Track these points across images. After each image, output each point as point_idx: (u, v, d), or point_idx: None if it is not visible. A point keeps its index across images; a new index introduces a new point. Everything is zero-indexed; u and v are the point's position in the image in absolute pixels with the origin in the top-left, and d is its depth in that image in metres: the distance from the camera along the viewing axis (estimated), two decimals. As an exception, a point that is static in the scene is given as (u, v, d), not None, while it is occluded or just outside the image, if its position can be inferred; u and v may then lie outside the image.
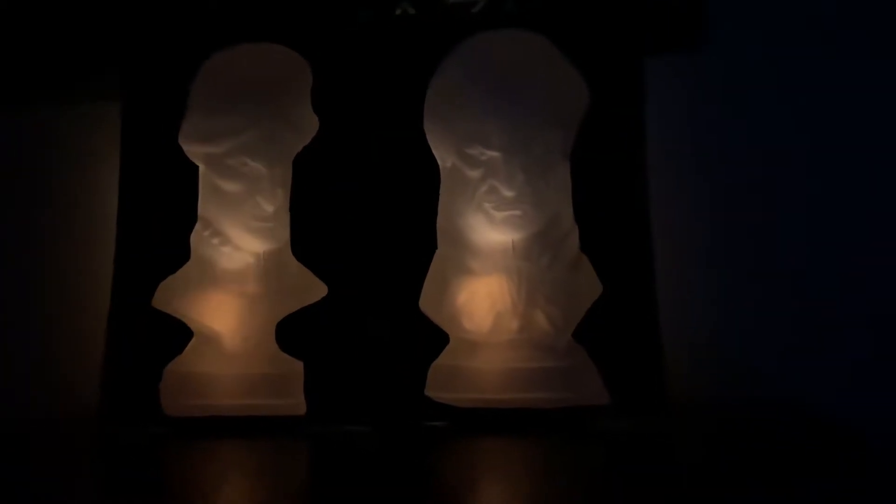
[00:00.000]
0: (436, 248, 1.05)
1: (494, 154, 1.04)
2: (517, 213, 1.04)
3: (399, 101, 1.08)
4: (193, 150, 1.09)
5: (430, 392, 1.01)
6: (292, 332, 1.04)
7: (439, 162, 1.06)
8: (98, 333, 1.07)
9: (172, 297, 1.07)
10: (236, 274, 1.08)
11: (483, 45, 1.09)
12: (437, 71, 1.08)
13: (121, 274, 1.08)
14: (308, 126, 1.09)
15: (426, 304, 1.04)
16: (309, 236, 1.07)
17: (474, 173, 1.04)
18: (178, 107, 1.09)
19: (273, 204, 1.06)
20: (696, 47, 1.11)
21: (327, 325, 1.04)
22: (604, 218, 1.03)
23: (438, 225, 1.05)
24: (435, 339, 1.02)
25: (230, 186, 1.07)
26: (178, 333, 1.04)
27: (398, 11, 1.16)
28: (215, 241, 1.08)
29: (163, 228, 1.07)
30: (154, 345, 1.05)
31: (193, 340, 1.05)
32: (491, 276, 1.05)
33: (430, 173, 1.06)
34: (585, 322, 1.00)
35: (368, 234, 1.07)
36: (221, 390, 1.04)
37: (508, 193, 1.04)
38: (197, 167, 1.09)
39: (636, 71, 1.05)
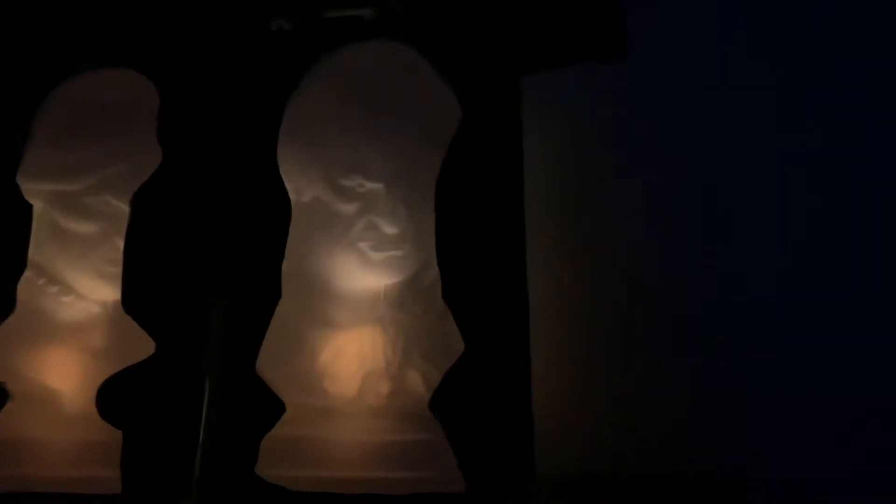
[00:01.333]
0: (278, 297, 0.88)
1: (376, 185, 0.88)
2: (398, 253, 0.88)
3: (255, 127, 0.93)
4: (36, 188, 0.97)
5: (263, 470, 0.84)
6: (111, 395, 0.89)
7: (293, 195, 0.91)
8: None
9: (2, 352, 0.94)
10: (80, 326, 0.95)
11: (352, 59, 0.94)
12: (298, 89, 0.94)
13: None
14: (153, 158, 0.96)
15: (266, 365, 0.87)
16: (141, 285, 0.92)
17: (349, 207, 0.88)
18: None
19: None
20: (573, 63, 0.93)
21: (151, 388, 0.88)
22: (469, 261, 0.84)
23: (285, 270, 0.89)
24: (271, 407, 0.85)
25: (82, 227, 0.95)
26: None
27: (273, 27, 1.02)
28: (53, 289, 0.95)
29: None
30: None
31: (10, 405, 0.92)
32: (360, 329, 0.88)
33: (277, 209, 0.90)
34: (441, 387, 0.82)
35: (202, 280, 0.91)
36: (48, 459, 0.90)
37: (391, 230, 0.87)
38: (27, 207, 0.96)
39: (512, 89, 0.87)
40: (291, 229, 0.90)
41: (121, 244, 0.93)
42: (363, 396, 0.86)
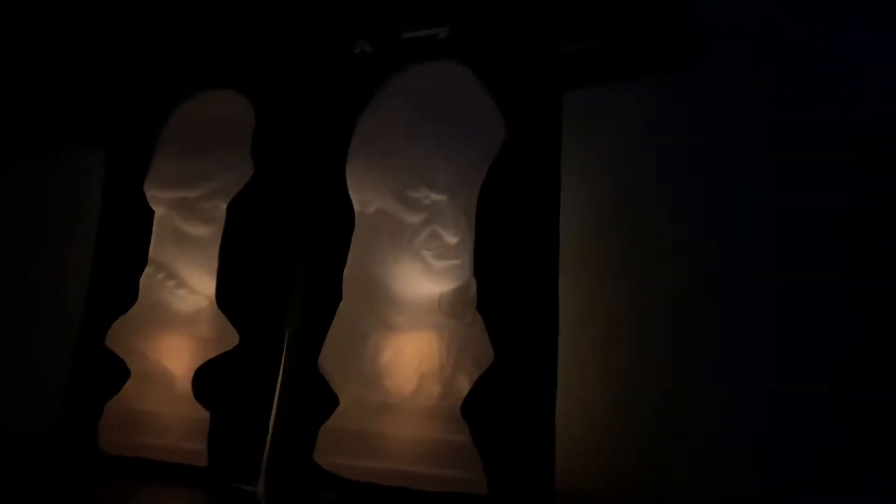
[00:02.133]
0: (339, 300, 0.96)
1: (440, 197, 0.94)
2: (458, 262, 0.94)
3: (331, 143, 1.02)
4: (160, 195, 1.13)
5: (320, 458, 0.93)
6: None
7: (358, 207, 0.99)
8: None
9: (127, 336, 1.11)
10: (191, 316, 1.09)
11: (415, 78, 1.00)
12: (367, 107, 1.01)
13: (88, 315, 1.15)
14: (247, 170, 1.08)
15: (328, 362, 0.96)
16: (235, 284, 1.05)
17: (415, 218, 0.95)
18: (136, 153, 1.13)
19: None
20: (615, 82, 0.91)
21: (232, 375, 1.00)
22: (504, 273, 0.87)
23: (346, 275, 0.97)
24: (324, 401, 0.94)
25: (197, 230, 1.09)
26: (111, 373, 1.08)
27: (356, 49, 1.11)
28: (170, 283, 1.11)
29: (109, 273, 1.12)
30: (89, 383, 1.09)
31: (133, 379, 1.08)
32: (418, 332, 0.95)
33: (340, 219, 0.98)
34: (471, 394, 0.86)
35: (287, 283, 1.02)
36: (168, 431, 1.06)
37: (452, 240, 0.94)
38: (150, 212, 1.12)
39: (553, 107, 0.88)
40: (354, 238, 0.98)
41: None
42: (417, 396, 0.92)
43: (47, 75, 1.35)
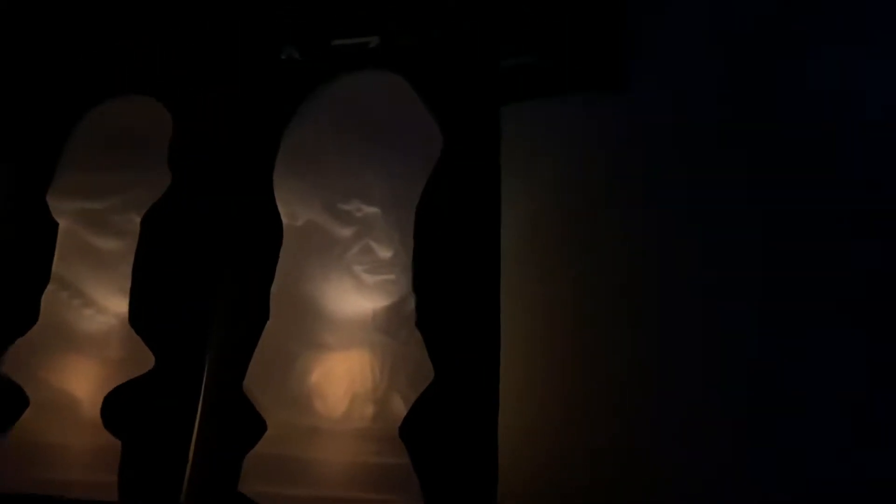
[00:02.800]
0: (266, 318, 0.91)
1: (373, 210, 0.90)
2: (391, 277, 0.90)
3: (256, 153, 0.97)
4: (64, 206, 1.04)
5: (245, 487, 0.87)
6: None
7: (286, 219, 0.94)
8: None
9: (26, 360, 1.02)
10: (99, 337, 1.01)
11: (347, 87, 0.96)
12: (296, 117, 0.97)
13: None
14: (162, 181, 1.02)
15: (253, 384, 0.90)
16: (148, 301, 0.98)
17: (346, 231, 0.91)
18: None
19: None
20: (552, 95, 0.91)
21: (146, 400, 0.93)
22: (444, 289, 0.85)
23: (273, 292, 0.92)
24: (249, 427, 0.88)
25: (106, 244, 1.01)
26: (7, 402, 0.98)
27: (283, 56, 1.06)
28: (76, 302, 1.02)
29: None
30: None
31: (33, 408, 0.99)
32: (349, 351, 0.90)
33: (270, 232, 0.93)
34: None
35: (207, 299, 0.95)
36: (73, 464, 0.97)
37: (385, 254, 0.90)
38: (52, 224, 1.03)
39: (492, 120, 0.87)
40: (282, 253, 0.93)
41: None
42: (349, 418, 0.88)
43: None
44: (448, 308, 0.84)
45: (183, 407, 0.92)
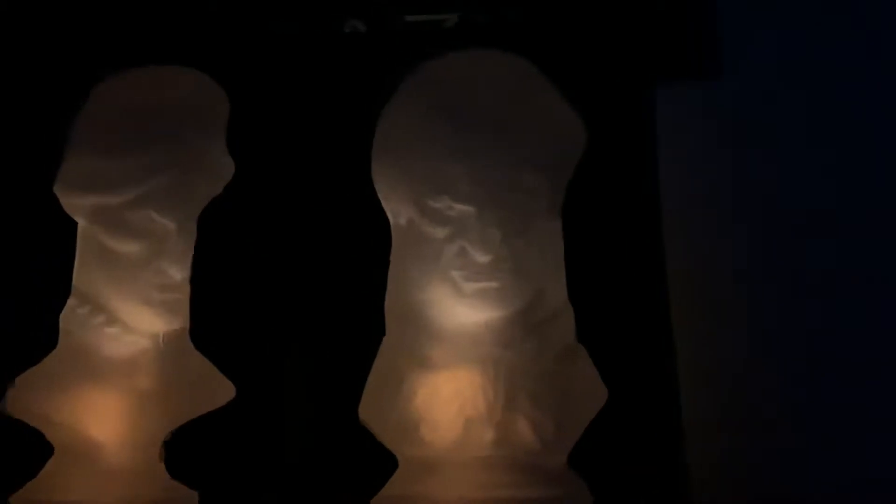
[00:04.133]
0: (383, 333, 0.78)
1: (465, 208, 0.78)
2: (493, 284, 0.79)
3: (342, 140, 0.83)
4: (76, 202, 0.84)
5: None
6: (184, 448, 0.76)
7: (391, 218, 0.82)
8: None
9: (33, 397, 0.80)
10: (125, 363, 0.82)
11: (450, 69, 0.84)
12: (391, 101, 0.84)
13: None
14: (222, 170, 0.84)
15: (368, 411, 0.77)
16: (211, 318, 0.80)
17: (439, 232, 0.79)
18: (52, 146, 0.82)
19: (182, 270, 0.81)
20: (710, 76, 0.86)
21: (231, 441, 0.76)
22: (608, 297, 0.76)
23: (387, 302, 0.79)
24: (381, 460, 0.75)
25: (126, 248, 0.81)
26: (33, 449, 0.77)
27: (347, 29, 0.92)
28: (97, 320, 0.82)
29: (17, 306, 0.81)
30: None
31: (55, 458, 0.78)
32: (458, 369, 0.79)
33: (378, 233, 0.80)
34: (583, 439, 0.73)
35: (292, 317, 0.80)
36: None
37: (483, 258, 0.78)
38: (74, 224, 0.82)
39: (645, 105, 0.79)
40: (392, 256, 0.80)
41: (169, 268, 0.81)
42: (465, 446, 0.77)
43: None
44: (610, 318, 0.75)
45: (269, 445, 0.76)
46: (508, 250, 0.79)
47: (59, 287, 0.80)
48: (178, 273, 0.81)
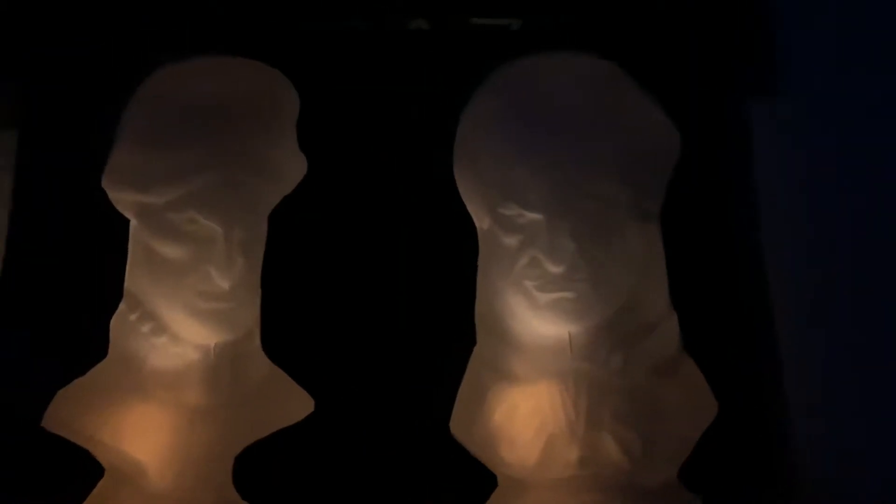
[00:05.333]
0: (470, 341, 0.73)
1: (534, 216, 0.75)
2: (568, 295, 0.74)
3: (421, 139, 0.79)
4: (122, 198, 0.76)
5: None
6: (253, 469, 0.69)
7: (476, 222, 0.77)
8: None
9: (73, 413, 0.72)
10: (173, 376, 0.74)
11: (528, 72, 0.81)
12: (470, 102, 0.80)
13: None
14: (289, 170, 0.78)
15: (458, 424, 0.73)
16: (285, 326, 0.73)
17: (511, 240, 0.75)
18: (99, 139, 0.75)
19: (230, 277, 0.72)
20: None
21: (311, 458, 0.70)
22: (702, 304, 0.73)
23: (477, 309, 0.75)
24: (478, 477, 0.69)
25: (170, 251, 0.74)
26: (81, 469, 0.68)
27: (412, 26, 0.88)
28: (145, 328, 0.74)
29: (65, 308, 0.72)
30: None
31: (104, 480, 0.70)
32: (538, 383, 0.75)
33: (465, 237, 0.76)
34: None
35: (373, 323, 0.74)
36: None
37: (555, 269, 0.74)
38: (127, 221, 0.75)
39: (735, 109, 0.78)
40: (479, 262, 0.76)
41: (215, 275, 0.73)
42: (548, 465, 0.72)
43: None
44: (710, 325, 0.73)
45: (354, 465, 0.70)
46: (585, 260, 0.75)
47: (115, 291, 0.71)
48: (225, 281, 0.72)
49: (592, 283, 0.75)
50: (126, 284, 0.74)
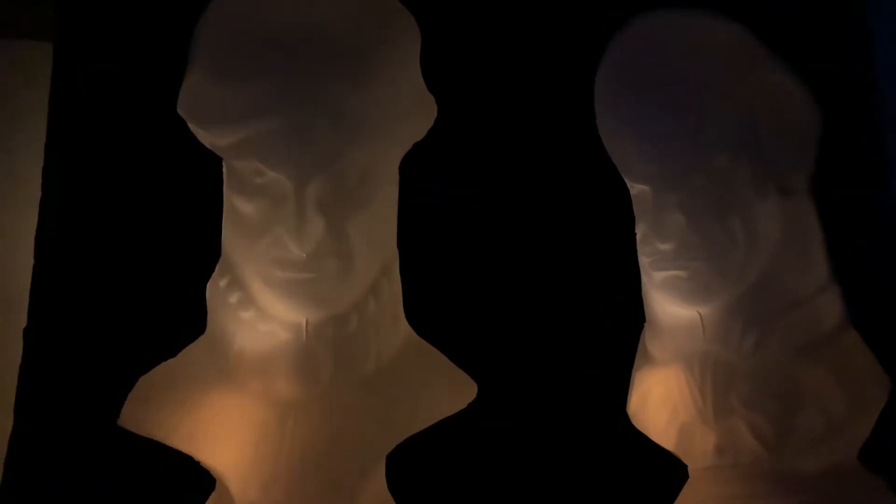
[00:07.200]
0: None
1: (642, 187, 0.68)
2: (681, 273, 0.68)
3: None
4: (193, 130, 0.60)
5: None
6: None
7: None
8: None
9: (148, 409, 0.56)
10: (263, 361, 0.58)
11: (643, 34, 0.73)
12: (608, 57, 0.73)
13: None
14: (396, 118, 0.63)
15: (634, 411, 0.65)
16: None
17: (634, 211, 0.70)
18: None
19: (305, 242, 0.57)
20: None
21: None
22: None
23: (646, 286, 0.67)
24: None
25: (244, 207, 0.58)
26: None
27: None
28: (233, 298, 0.58)
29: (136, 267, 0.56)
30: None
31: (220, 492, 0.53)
32: (670, 366, 0.68)
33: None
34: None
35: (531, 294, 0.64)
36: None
37: (664, 246, 0.67)
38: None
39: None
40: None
41: (287, 239, 0.57)
42: (688, 452, 0.66)
43: None
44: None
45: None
46: (699, 237, 0.69)
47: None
48: (299, 246, 0.56)
49: (709, 260, 0.68)
50: (223, 244, 0.58)
